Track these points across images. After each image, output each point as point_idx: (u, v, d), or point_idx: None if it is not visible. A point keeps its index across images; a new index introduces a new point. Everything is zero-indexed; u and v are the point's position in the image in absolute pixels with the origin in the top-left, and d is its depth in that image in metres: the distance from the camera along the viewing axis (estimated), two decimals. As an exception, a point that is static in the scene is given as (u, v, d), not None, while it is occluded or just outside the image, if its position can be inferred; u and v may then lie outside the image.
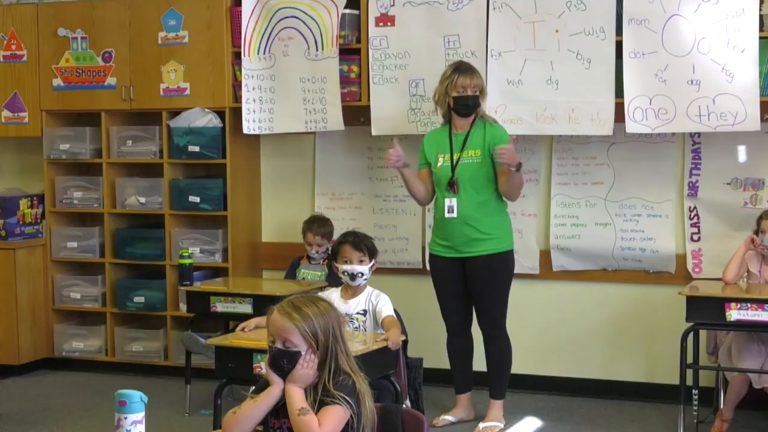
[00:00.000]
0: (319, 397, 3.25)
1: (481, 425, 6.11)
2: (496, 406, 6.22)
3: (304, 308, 3.31)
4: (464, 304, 6.26)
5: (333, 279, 6.20)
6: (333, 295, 5.40)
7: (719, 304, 5.73)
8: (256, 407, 3.31)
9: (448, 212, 6.07)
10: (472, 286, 6.13)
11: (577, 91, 6.49)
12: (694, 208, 6.68)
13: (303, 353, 3.25)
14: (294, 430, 3.20)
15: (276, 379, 3.29)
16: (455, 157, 6.08)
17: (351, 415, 3.23)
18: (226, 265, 7.41)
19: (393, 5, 6.86)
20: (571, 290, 7.00)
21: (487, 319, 6.21)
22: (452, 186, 6.06)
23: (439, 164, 6.14)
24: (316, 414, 3.20)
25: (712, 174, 6.64)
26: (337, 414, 3.21)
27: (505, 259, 6.16)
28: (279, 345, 3.27)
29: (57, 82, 7.74)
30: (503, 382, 6.28)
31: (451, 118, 6.18)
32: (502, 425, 6.17)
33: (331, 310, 3.38)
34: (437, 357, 6.64)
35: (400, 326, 5.32)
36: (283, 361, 3.25)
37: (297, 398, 3.22)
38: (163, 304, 7.57)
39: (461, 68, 6.14)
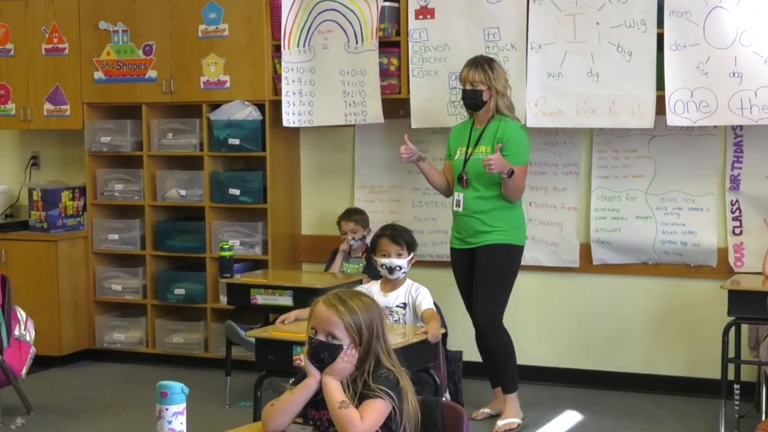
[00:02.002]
0: (359, 391, 3.25)
1: (499, 423, 6.06)
2: (510, 401, 6.13)
3: (349, 302, 3.32)
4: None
5: (372, 272, 6.24)
6: (373, 288, 5.43)
7: (761, 298, 5.72)
8: (293, 399, 3.33)
9: (456, 206, 6.12)
10: (473, 275, 6.11)
11: (618, 84, 6.49)
12: (736, 201, 6.67)
13: (345, 347, 3.27)
14: (334, 423, 3.21)
15: (313, 371, 3.30)
16: (469, 151, 6.10)
17: (392, 409, 3.24)
18: (266, 258, 7.46)
19: (433, -2, 6.90)
20: (612, 284, 6.99)
21: (478, 310, 6.11)
22: (461, 180, 6.09)
23: (456, 157, 6.18)
24: (356, 408, 3.21)
25: (754, 167, 6.61)
26: (378, 407, 3.21)
27: (507, 251, 6.09)
28: (321, 337, 3.28)
29: (98, 75, 7.82)
30: (509, 376, 6.19)
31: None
32: (519, 420, 6.11)
33: (374, 305, 3.40)
34: (475, 351, 6.66)
35: (440, 319, 5.33)
36: (324, 354, 3.26)
37: (336, 391, 3.23)
38: (203, 297, 7.64)
39: (469, 62, 6.16)
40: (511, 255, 6.12)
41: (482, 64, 6.08)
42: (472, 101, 6.08)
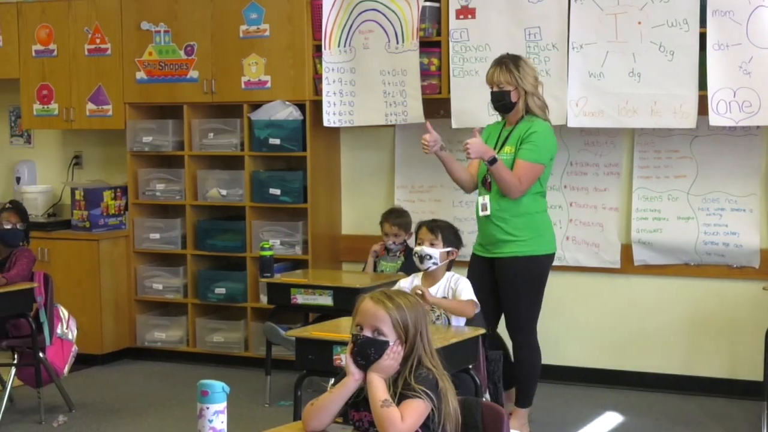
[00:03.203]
0: (399, 391, 3.25)
1: None
2: (519, 415, 5.91)
3: (396, 299, 3.33)
4: (493, 304, 5.94)
5: (409, 271, 6.25)
6: (414, 281, 5.40)
7: (804, 299, 5.70)
8: (333, 398, 3.33)
9: (482, 210, 5.87)
10: (499, 288, 5.91)
11: (660, 84, 6.47)
12: (779, 202, 6.65)
13: (391, 344, 3.28)
14: (376, 421, 3.21)
15: (353, 370, 3.30)
16: (496, 152, 5.88)
17: (432, 410, 3.24)
18: (306, 258, 7.50)
19: (474, -2, 6.92)
20: (653, 284, 6.97)
21: (511, 325, 5.98)
22: (485, 183, 5.91)
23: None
24: (397, 407, 3.21)
25: (798, 168, 6.60)
26: (418, 407, 3.21)
27: (531, 263, 5.81)
28: (368, 333, 3.29)
29: (140, 75, 7.89)
30: (529, 392, 6.01)
31: None
32: None
33: (419, 304, 3.40)
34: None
35: (476, 310, 5.28)
36: (371, 350, 3.26)
37: (380, 389, 3.23)
38: (243, 296, 7.68)
39: (494, 62, 5.97)
40: (535, 266, 5.84)
41: (507, 63, 5.86)
42: (501, 103, 5.88)
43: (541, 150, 5.79)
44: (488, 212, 5.85)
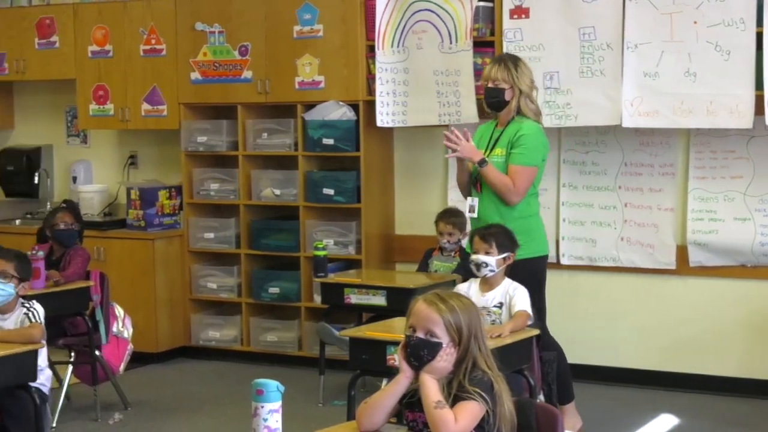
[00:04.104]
0: (454, 393, 3.25)
1: None
2: (566, 413, 5.76)
3: (450, 301, 3.33)
4: None
5: (463, 270, 6.25)
6: (472, 286, 5.37)
7: None
8: (386, 396, 3.35)
9: (469, 212, 5.85)
10: None
11: (716, 84, 6.42)
12: (838, 203, 6.59)
13: (444, 345, 3.28)
14: (429, 422, 3.22)
15: (406, 369, 3.31)
16: (486, 154, 5.79)
17: (486, 411, 3.24)
18: (360, 257, 7.52)
19: (528, -3, 6.92)
20: (709, 286, 6.92)
21: None
22: (475, 184, 5.84)
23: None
24: (451, 409, 3.21)
25: None
26: (472, 410, 3.21)
27: (526, 267, 5.60)
28: (420, 334, 3.29)
29: (195, 75, 7.95)
30: (565, 387, 5.90)
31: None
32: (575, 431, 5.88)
33: (473, 307, 3.40)
34: (570, 353, 6.65)
35: (529, 321, 5.27)
36: (424, 351, 3.26)
37: (433, 390, 3.23)
38: (297, 295, 7.72)
39: (494, 59, 5.93)
40: (527, 270, 5.61)
41: (506, 61, 5.81)
42: (494, 100, 5.79)
43: (532, 152, 5.74)
44: (475, 214, 5.81)
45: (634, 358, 7.11)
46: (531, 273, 5.64)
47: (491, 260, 5.29)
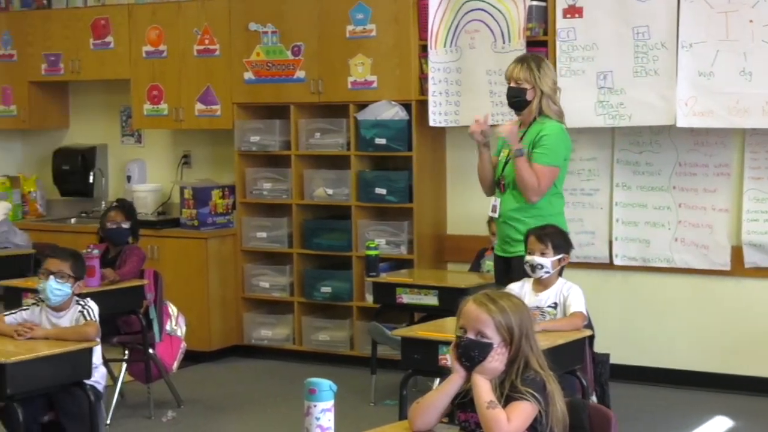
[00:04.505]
0: (506, 393, 3.25)
1: None
2: None
3: (500, 301, 3.32)
4: None
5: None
6: (525, 286, 5.35)
7: None
8: (438, 395, 3.35)
9: (492, 211, 5.85)
10: None
11: (773, 83, 6.38)
12: None
13: (495, 346, 3.29)
14: (481, 422, 3.21)
15: (458, 368, 3.32)
16: (508, 155, 5.79)
17: (539, 412, 3.23)
18: (412, 257, 7.52)
19: (581, -4, 6.89)
20: (764, 287, 6.84)
21: None
22: (499, 184, 5.83)
23: (501, 158, 5.89)
24: (503, 409, 3.21)
25: None
26: (525, 410, 3.21)
27: None
28: (471, 335, 3.30)
29: (248, 75, 7.99)
30: None
31: None
32: None
33: (524, 307, 3.40)
34: (623, 354, 6.64)
35: (584, 322, 5.26)
36: (475, 352, 3.26)
37: (485, 390, 3.23)
38: (349, 295, 7.74)
39: (517, 59, 5.88)
40: None
41: (529, 62, 5.78)
42: (516, 100, 5.78)
43: (554, 152, 5.71)
44: (497, 214, 5.81)
45: (688, 359, 7.05)
46: None
47: (547, 262, 5.27)
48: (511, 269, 5.74)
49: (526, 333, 3.30)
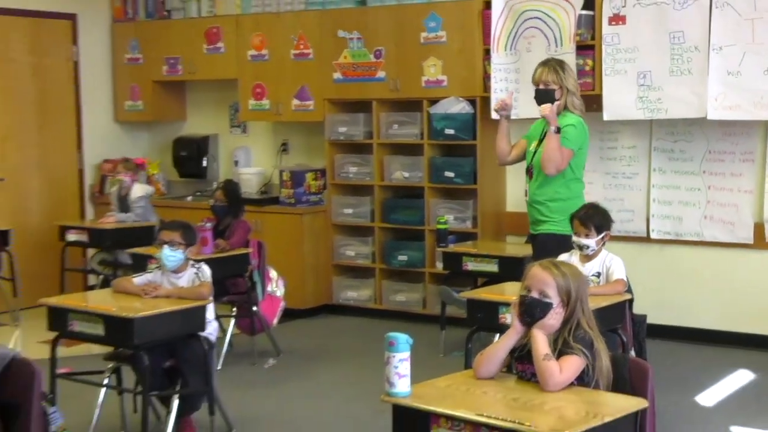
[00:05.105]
0: (559, 348, 3.24)
1: None
2: None
3: (562, 267, 3.33)
4: None
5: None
6: (572, 258, 5.25)
7: None
8: (498, 347, 3.36)
9: (525, 195, 5.76)
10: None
11: (793, 81, 6.24)
12: None
13: (554, 306, 3.27)
14: (537, 372, 3.21)
15: (516, 324, 3.31)
16: (537, 146, 5.68)
17: (586, 365, 3.22)
18: (476, 231, 7.49)
19: (624, 6, 6.76)
20: (783, 258, 6.74)
21: None
22: (528, 172, 5.72)
23: (530, 148, 5.77)
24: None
25: None
26: (574, 363, 3.20)
27: (559, 240, 5.47)
28: (535, 294, 3.29)
29: (337, 75, 7.99)
30: None
31: None
32: None
33: (581, 275, 3.40)
34: (659, 315, 6.57)
35: (625, 288, 5.22)
36: (537, 309, 3.26)
37: (543, 344, 3.23)
38: (422, 262, 7.73)
39: (542, 64, 5.73)
40: (562, 244, 5.43)
41: (554, 65, 5.64)
42: (545, 99, 5.63)
43: (573, 139, 5.53)
44: (527, 197, 5.72)
45: (715, 320, 6.95)
46: (563, 247, 5.43)
47: (591, 242, 5.22)
48: (538, 244, 5.68)
49: (581, 298, 3.29)
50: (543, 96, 5.62)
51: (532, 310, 3.27)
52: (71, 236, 8.02)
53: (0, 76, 8.37)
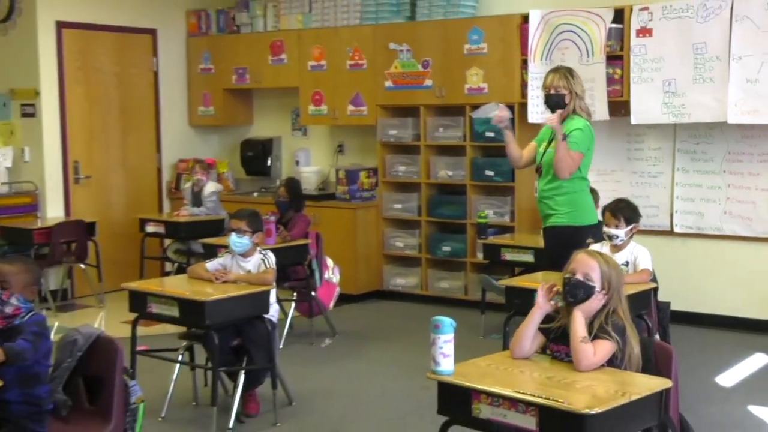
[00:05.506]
0: (595, 332, 3.21)
1: None
2: None
3: (605, 256, 3.33)
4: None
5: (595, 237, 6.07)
6: (604, 248, 5.18)
7: None
8: (525, 325, 3.34)
9: (535, 192, 5.60)
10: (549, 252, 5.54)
11: (807, 88, 6.10)
12: None
13: (597, 289, 3.23)
14: (572, 352, 3.18)
15: (540, 302, 3.29)
16: (546, 147, 5.55)
17: (618, 350, 3.19)
18: (513, 224, 7.43)
19: (651, 20, 6.66)
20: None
21: None
22: (538, 170, 5.59)
23: (540, 149, 5.64)
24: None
25: None
26: (606, 347, 3.18)
27: (570, 232, 5.37)
28: (579, 276, 3.25)
29: (388, 83, 7.97)
30: None
31: None
32: None
33: (619, 267, 3.37)
34: (682, 302, 6.48)
35: (650, 277, 5.14)
36: (581, 290, 3.22)
37: (581, 326, 3.19)
38: (464, 253, 7.69)
39: (552, 70, 5.58)
40: (571, 234, 5.35)
41: (564, 72, 5.46)
42: (556, 103, 5.49)
43: (581, 142, 5.38)
44: (537, 193, 5.58)
45: (734, 307, 6.83)
46: (574, 237, 5.36)
47: (620, 232, 5.17)
48: (545, 237, 5.56)
49: (619, 288, 3.27)
50: (554, 100, 5.49)
51: (575, 291, 3.24)
52: (150, 228, 8.09)
53: (88, 84, 8.45)
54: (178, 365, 5.13)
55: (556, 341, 3.30)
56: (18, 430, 3.47)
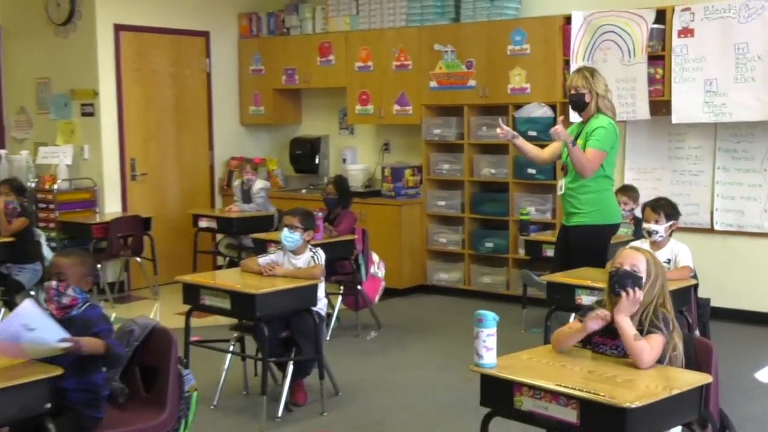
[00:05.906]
0: (646, 328, 3.18)
1: None
2: None
3: (650, 252, 3.32)
4: (563, 262, 5.39)
5: (638, 236, 6.00)
6: (644, 245, 5.04)
7: None
8: (569, 337, 3.30)
9: (559, 190, 5.51)
10: (570, 250, 5.43)
11: None
12: None
13: (644, 280, 3.20)
14: (630, 352, 3.13)
15: (592, 327, 3.20)
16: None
17: (666, 343, 3.16)
18: (554, 221, 7.35)
19: (693, 20, 6.57)
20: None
21: None
22: (564, 168, 5.48)
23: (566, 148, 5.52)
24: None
25: None
26: (659, 340, 3.15)
27: (593, 231, 5.30)
28: (627, 267, 3.22)
29: (432, 83, 7.96)
30: None
31: None
32: None
33: (661, 264, 3.34)
34: (722, 298, 6.39)
35: (690, 273, 5.07)
36: (628, 281, 3.18)
37: (629, 327, 3.15)
38: (506, 249, 7.66)
39: (574, 71, 5.51)
40: (596, 234, 5.30)
41: (584, 72, 5.38)
42: (576, 103, 5.37)
43: (604, 140, 5.27)
44: (562, 191, 5.46)
45: (774, 305, 6.73)
46: (598, 236, 5.31)
47: (660, 228, 5.12)
48: (568, 236, 5.44)
49: (663, 283, 3.24)
50: (573, 99, 5.41)
51: (623, 281, 3.19)
52: (203, 223, 8.16)
53: (144, 85, 8.55)
54: (229, 356, 5.17)
55: (601, 333, 3.27)
56: (76, 416, 3.52)
